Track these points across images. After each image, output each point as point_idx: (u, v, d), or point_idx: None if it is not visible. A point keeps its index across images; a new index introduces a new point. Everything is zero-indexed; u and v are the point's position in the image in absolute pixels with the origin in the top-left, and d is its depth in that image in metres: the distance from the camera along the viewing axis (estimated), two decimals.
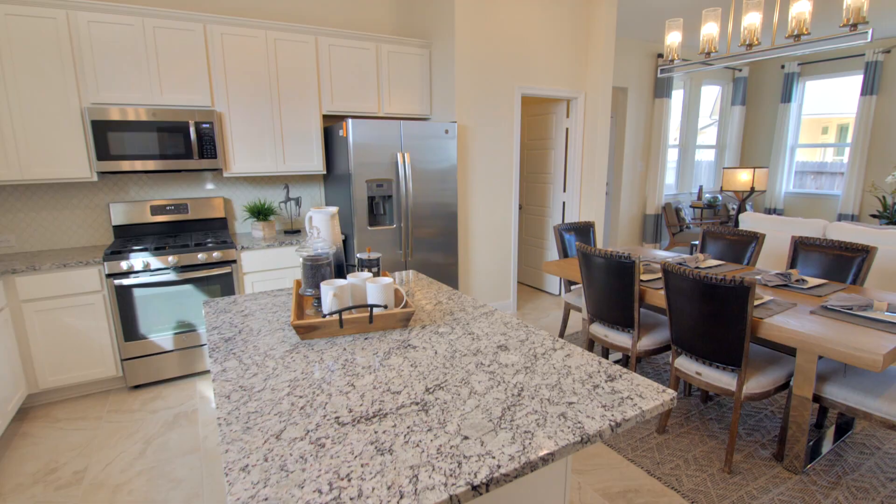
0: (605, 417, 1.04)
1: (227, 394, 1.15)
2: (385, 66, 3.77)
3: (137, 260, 2.86)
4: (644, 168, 6.95)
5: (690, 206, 7.47)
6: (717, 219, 7.44)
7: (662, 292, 2.48)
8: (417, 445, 0.93)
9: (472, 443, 0.94)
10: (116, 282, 2.83)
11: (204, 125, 3.09)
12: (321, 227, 1.81)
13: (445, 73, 3.83)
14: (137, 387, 3.06)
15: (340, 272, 1.85)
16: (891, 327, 1.94)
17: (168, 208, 3.40)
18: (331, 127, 3.59)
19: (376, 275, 1.84)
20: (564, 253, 3.58)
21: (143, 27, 2.92)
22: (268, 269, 3.25)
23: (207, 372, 3.21)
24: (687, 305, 2.21)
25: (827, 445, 2.36)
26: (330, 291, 1.50)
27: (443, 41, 3.81)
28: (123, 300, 2.87)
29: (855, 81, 6.72)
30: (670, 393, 1.15)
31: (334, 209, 1.84)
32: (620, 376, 1.23)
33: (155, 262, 2.90)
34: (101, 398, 2.93)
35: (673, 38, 2.70)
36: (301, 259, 1.69)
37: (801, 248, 2.91)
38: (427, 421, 1.02)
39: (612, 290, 2.62)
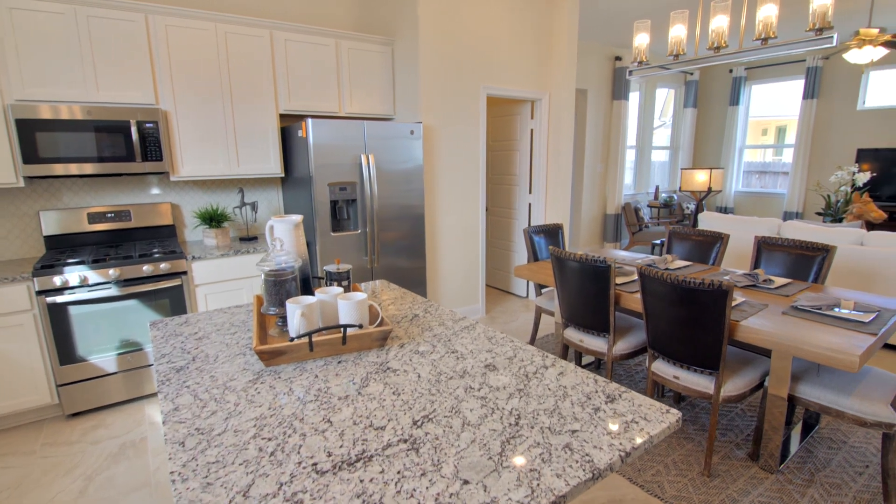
0: (613, 447, 0.95)
1: (181, 439, 0.98)
2: (346, 63, 3.60)
3: (73, 274, 2.57)
4: (604, 169, 7.06)
5: (648, 206, 7.67)
6: (672, 218, 7.66)
7: (638, 296, 2.45)
8: (412, 496, 0.81)
9: (473, 488, 0.83)
10: (49, 299, 2.53)
11: (147, 124, 2.83)
12: (284, 237, 1.64)
13: (409, 72, 3.70)
14: (76, 414, 2.76)
15: (307, 287, 1.69)
16: (859, 326, 1.97)
17: (108, 216, 3.10)
18: (289, 127, 3.39)
19: (347, 289, 1.70)
20: (535, 256, 3.53)
21: (75, 16, 2.63)
22: (222, 279, 3.02)
23: (157, 394, 2.94)
24: (664, 309, 2.18)
25: (795, 442, 2.40)
26: (297, 311, 1.35)
27: (406, 39, 3.68)
28: (58, 320, 2.57)
29: (797, 86, 7.09)
30: (675, 413, 1.08)
31: (298, 217, 1.68)
32: (620, 396, 1.15)
33: (94, 276, 2.62)
34: (34, 429, 2.62)
35: (641, 40, 2.69)
36: (262, 274, 1.52)
37: (764, 247, 2.98)
38: (419, 463, 0.90)
39: (587, 294, 2.58)
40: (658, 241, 6.09)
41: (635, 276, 2.76)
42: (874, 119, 6.25)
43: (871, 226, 5.82)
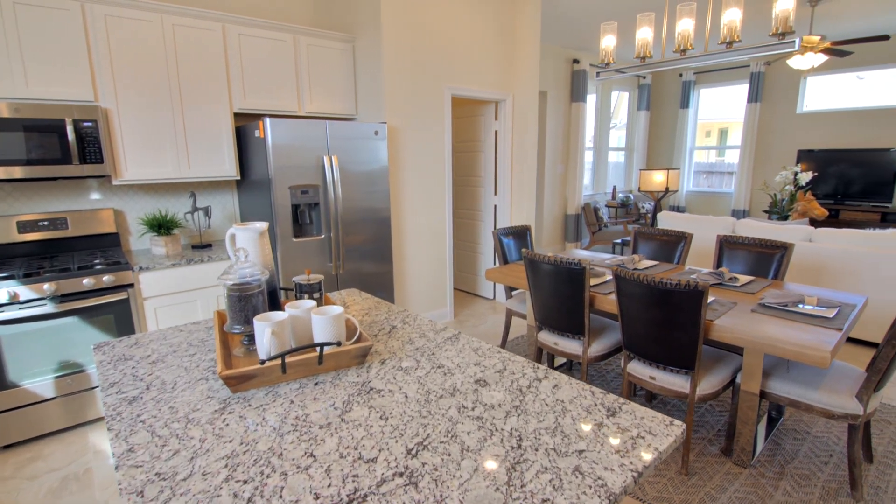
0: (624, 467, 0.89)
1: (138, 488, 0.84)
2: (304, 60, 3.44)
3: (1, 291, 2.29)
4: (564, 169, 7.16)
5: (606, 206, 7.85)
6: (629, 217, 7.87)
7: (612, 297, 2.45)
8: None
9: None
10: None
11: (85, 124, 2.57)
12: (248, 247, 1.50)
13: (372, 71, 3.58)
14: (9, 447, 2.47)
15: (274, 300, 1.56)
16: (825, 322, 2.03)
17: (41, 224, 2.80)
18: (244, 127, 3.19)
19: (319, 301, 1.57)
20: (504, 258, 3.49)
21: None
22: (174, 291, 2.79)
23: (101, 419, 2.68)
24: (640, 311, 2.18)
25: (762, 435, 2.46)
26: (267, 329, 1.22)
27: (368, 36, 3.55)
28: None
29: (742, 90, 7.45)
30: (678, 425, 1.03)
31: (263, 225, 1.54)
32: (620, 409, 1.10)
33: (26, 291, 2.35)
34: None
35: (608, 42, 2.70)
36: (225, 288, 1.38)
37: (726, 246, 3.06)
38: (420, 500, 0.80)
39: (561, 296, 2.55)
40: (619, 241, 6.23)
41: (607, 277, 2.77)
42: (812, 122, 6.65)
43: (814, 223, 6.18)
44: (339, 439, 0.98)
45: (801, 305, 2.20)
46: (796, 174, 5.28)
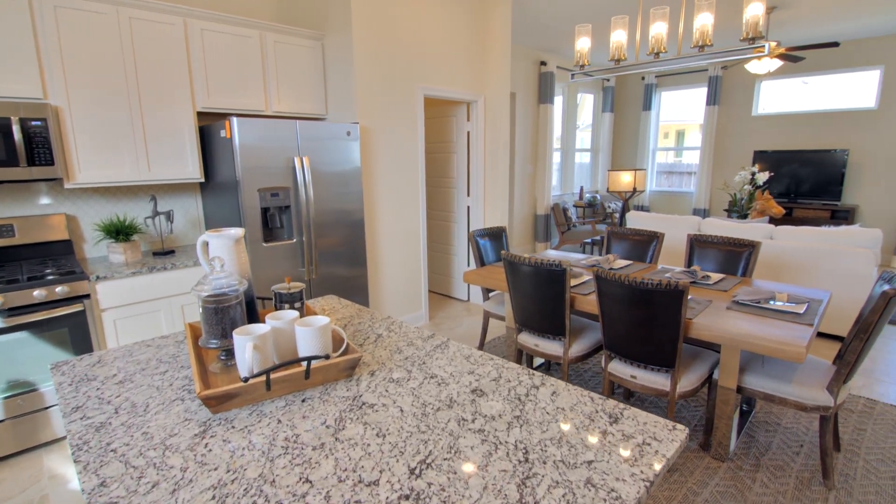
0: (635, 477, 0.87)
1: None
2: (271, 58, 3.31)
3: None
4: (533, 170, 7.23)
5: (574, 206, 7.97)
6: (596, 217, 8.03)
7: (591, 298, 2.46)
8: None
9: None
10: None
11: (34, 123, 2.38)
12: (223, 255, 1.41)
13: (342, 70, 3.48)
14: None
15: (251, 311, 1.47)
16: (796, 317, 2.10)
17: None
18: (209, 126, 3.04)
19: (301, 311, 1.49)
20: (481, 260, 3.47)
21: None
22: (135, 301, 2.62)
23: (57, 441, 2.49)
24: (621, 311, 2.19)
25: (735, 429, 2.53)
26: (248, 344, 1.14)
27: (337, 34, 3.46)
28: None
29: (700, 93, 7.72)
30: (682, 429, 1.02)
31: (238, 231, 1.45)
32: (622, 414, 1.08)
33: None
34: None
35: (582, 44, 2.71)
36: (200, 300, 1.28)
37: (696, 245, 3.14)
38: None
39: (542, 298, 2.55)
40: (588, 241, 6.33)
41: (585, 278, 2.78)
42: (766, 124, 6.96)
43: (773, 221, 6.47)
44: (336, 461, 0.92)
45: (772, 302, 2.27)
46: (754, 174, 5.50)
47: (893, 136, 5.96)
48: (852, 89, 6.29)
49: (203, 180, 3.13)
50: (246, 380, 1.09)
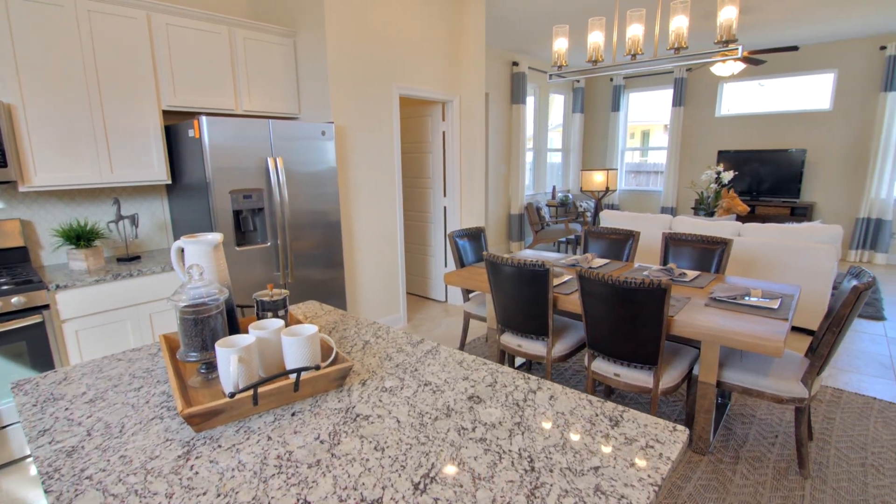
0: (643, 482, 0.86)
1: None
2: (241, 55, 3.19)
3: None
4: (506, 170, 7.26)
5: (547, 206, 8.06)
6: (569, 216, 8.14)
7: (574, 297, 2.47)
8: None
9: None
10: None
11: None
12: (202, 263, 1.33)
13: (315, 68, 3.40)
14: None
15: (232, 321, 1.40)
16: (771, 312, 2.16)
17: None
18: (176, 126, 2.91)
19: (285, 319, 1.43)
20: (461, 261, 3.44)
21: None
22: (99, 310, 2.47)
23: (15, 462, 2.32)
24: (604, 310, 2.21)
25: (713, 422, 2.59)
26: (233, 357, 1.07)
27: (310, 31, 3.37)
28: None
29: (667, 95, 7.93)
30: (682, 430, 1.02)
31: (216, 237, 1.38)
32: (622, 417, 1.07)
33: None
34: None
35: (560, 45, 2.72)
36: (177, 311, 1.21)
37: (671, 243, 3.20)
38: None
39: (524, 299, 2.54)
40: (563, 240, 6.40)
41: (567, 277, 2.80)
42: (729, 125, 7.21)
43: (739, 218, 6.69)
44: (334, 479, 0.87)
45: (747, 298, 2.34)
46: (719, 173, 5.69)
47: (846, 136, 6.27)
48: (808, 92, 6.58)
49: (170, 182, 2.99)
50: (232, 395, 1.03)
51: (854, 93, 6.13)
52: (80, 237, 2.65)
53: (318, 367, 1.14)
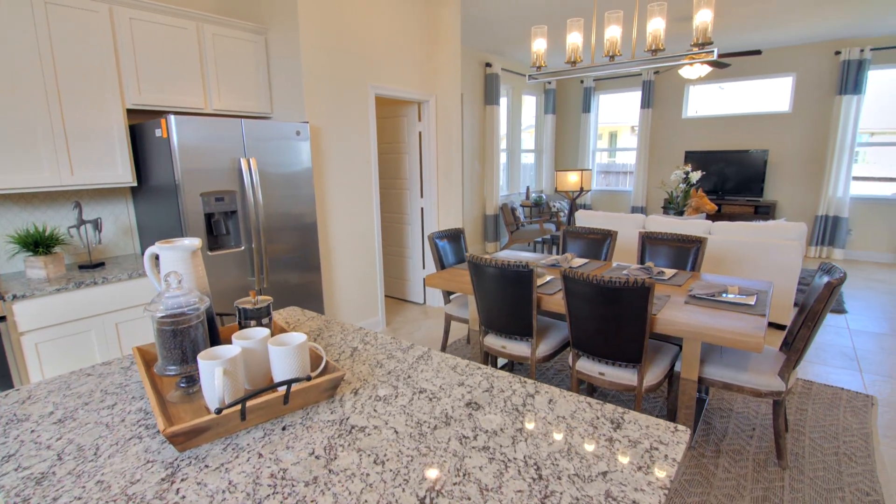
0: (652, 485, 0.85)
1: None
2: (210, 52, 3.07)
3: None
4: (481, 171, 7.27)
5: (521, 206, 8.12)
6: (543, 216, 8.21)
7: (557, 297, 2.47)
8: None
9: None
10: None
11: None
12: (179, 270, 1.26)
13: (288, 66, 3.30)
14: None
15: (212, 331, 1.32)
16: (749, 309, 2.22)
17: None
18: (141, 125, 2.77)
19: (269, 327, 1.36)
20: (441, 263, 3.41)
21: None
22: (61, 321, 2.32)
23: None
24: (589, 310, 2.21)
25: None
26: (218, 369, 1.01)
27: (282, 28, 3.27)
28: None
29: (635, 96, 8.11)
30: (683, 430, 1.02)
31: (195, 242, 1.30)
32: (623, 419, 1.06)
33: None
34: None
35: (539, 45, 2.73)
36: (154, 321, 1.13)
37: (647, 242, 3.26)
38: None
39: (508, 300, 2.53)
40: (539, 240, 6.44)
41: (548, 277, 2.80)
42: (695, 126, 7.43)
43: (708, 217, 6.89)
44: (335, 497, 0.82)
45: (725, 295, 2.39)
46: (687, 173, 5.85)
47: (805, 137, 6.55)
48: (769, 94, 6.85)
49: (136, 184, 2.85)
50: (219, 411, 0.96)
51: (812, 95, 6.42)
52: (38, 243, 2.49)
53: (309, 378, 1.09)
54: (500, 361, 3.42)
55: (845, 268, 5.95)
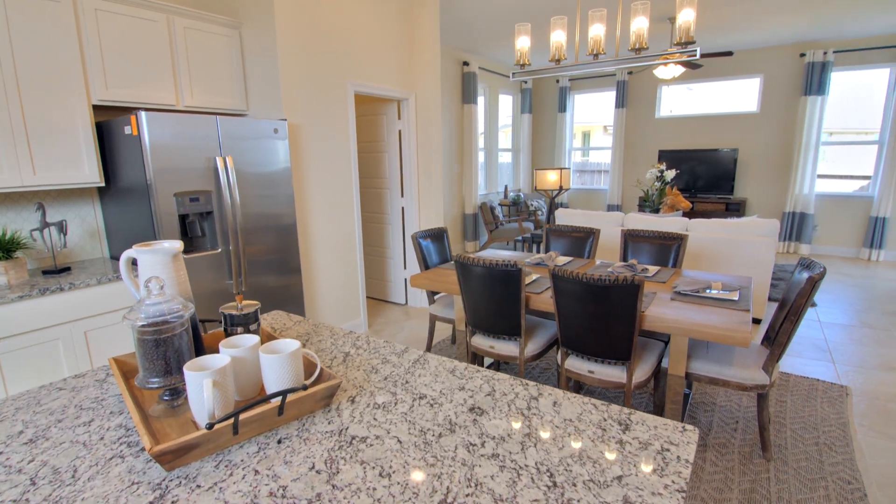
0: (669, 489, 0.83)
1: None
2: (182, 46, 2.95)
3: None
4: (460, 170, 7.25)
5: (499, 205, 8.13)
6: (521, 215, 8.25)
7: (545, 296, 2.46)
8: None
9: None
10: None
11: None
12: (161, 275, 1.18)
13: (264, 61, 3.20)
14: None
15: (197, 340, 1.25)
16: (733, 304, 2.25)
17: None
18: (109, 122, 2.64)
19: (258, 334, 1.30)
20: (425, 263, 3.36)
21: None
22: (25, 330, 2.18)
23: None
24: (578, 308, 2.21)
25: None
26: (207, 381, 0.94)
27: (258, 22, 3.17)
28: None
29: (610, 96, 8.23)
30: (692, 429, 1.01)
31: (176, 244, 1.23)
32: (630, 419, 1.04)
33: None
34: None
35: (522, 43, 2.71)
36: (134, 331, 1.05)
37: (630, 239, 3.29)
38: None
39: (496, 299, 2.50)
40: (519, 238, 6.46)
41: (535, 276, 2.79)
42: (668, 125, 7.58)
43: (684, 214, 7.03)
44: None
45: (709, 291, 2.42)
46: (662, 171, 5.96)
47: (773, 136, 6.76)
48: (738, 95, 7.04)
49: (103, 184, 2.70)
50: (210, 426, 0.90)
51: (778, 96, 6.63)
52: None
53: (305, 387, 1.03)
54: (486, 361, 3.40)
55: None
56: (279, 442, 0.98)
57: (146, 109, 2.91)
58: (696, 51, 2.23)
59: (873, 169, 6.30)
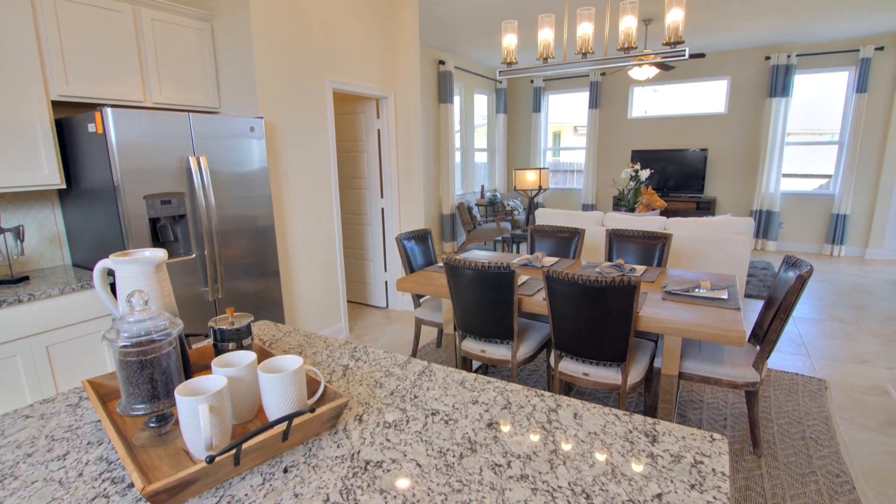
0: None
1: None
2: (149, 39, 2.77)
3: None
4: (437, 170, 7.18)
5: (476, 205, 8.11)
6: (498, 215, 8.25)
7: (538, 298, 2.42)
8: None
9: None
10: None
11: None
12: (143, 288, 1.07)
13: (238, 56, 3.05)
14: None
15: (185, 359, 1.14)
16: (724, 303, 2.27)
17: None
18: (70, 119, 2.45)
19: (251, 350, 1.20)
20: (410, 265, 3.28)
21: None
22: None
23: None
24: (572, 310, 2.17)
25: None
26: (202, 407, 0.85)
27: (231, 15, 3.02)
28: None
29: (583, 97, 8.32)
30: (721, 439, 0.97)
31: (159, 253, 1.12)
32: (656, 430, 1.00)
33: None
34: None
35: (509, 41, 2.67)
36: (115, 352, 0.94)
37: (615, 239, 3.29)
38: None
39: (487, 302, 2.45)
40: (499, 238, 6.44)
41: (525, 278, 2.75)
42: (640, 126, 7.72)
43: (662, 213, 7.16)
44: None
45: (698, 290, 2.43)
46: (637, 171, 6.05)
47: (740, 136, 6.97)
48: (707, 96, 7.23)
49: (64, 186, 2.51)
50: (211, 460, 0.80)
51: (745, 98, 6.84)
52: None
53: (313, 410, 0.94)
54: (474, 364, 3.35)
55: (779, 259, 6.39)
56: (285, 471, 0.89)
57: (111, 106, 2.72)
58: (684, 51, 2.23)
59: (833, 168, 6.57)
